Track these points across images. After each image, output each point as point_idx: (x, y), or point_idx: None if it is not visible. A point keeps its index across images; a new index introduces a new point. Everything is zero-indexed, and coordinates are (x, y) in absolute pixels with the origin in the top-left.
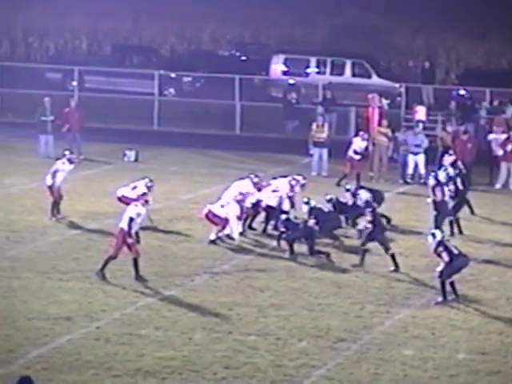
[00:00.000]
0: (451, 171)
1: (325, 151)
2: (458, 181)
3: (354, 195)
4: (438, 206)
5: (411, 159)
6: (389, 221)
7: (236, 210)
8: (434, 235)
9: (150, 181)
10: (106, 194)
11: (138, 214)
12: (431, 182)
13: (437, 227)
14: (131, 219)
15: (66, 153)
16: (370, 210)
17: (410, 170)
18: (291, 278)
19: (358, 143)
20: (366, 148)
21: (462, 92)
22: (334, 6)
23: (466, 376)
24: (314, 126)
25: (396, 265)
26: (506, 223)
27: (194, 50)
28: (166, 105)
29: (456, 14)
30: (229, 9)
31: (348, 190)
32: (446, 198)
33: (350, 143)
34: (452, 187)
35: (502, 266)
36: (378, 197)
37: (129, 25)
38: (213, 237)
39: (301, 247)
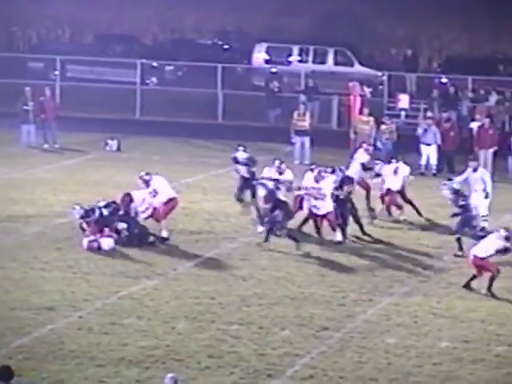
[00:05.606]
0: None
1: (307, 140)
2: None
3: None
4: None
5: (424, 150)
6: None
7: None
8: None
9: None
10: (87, 183)
11: None
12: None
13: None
14: None
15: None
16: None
17: (423, 161)
18: (274, 267)
19: (362, 156)
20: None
21: (444, 80)
22: None
23: (449, 364)
24: (295, 114)
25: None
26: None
27: (176, 39)
28: (148, 94)
29: (439, 3)
30: None
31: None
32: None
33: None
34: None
35: None
36: None
37: (111, 14)
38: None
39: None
